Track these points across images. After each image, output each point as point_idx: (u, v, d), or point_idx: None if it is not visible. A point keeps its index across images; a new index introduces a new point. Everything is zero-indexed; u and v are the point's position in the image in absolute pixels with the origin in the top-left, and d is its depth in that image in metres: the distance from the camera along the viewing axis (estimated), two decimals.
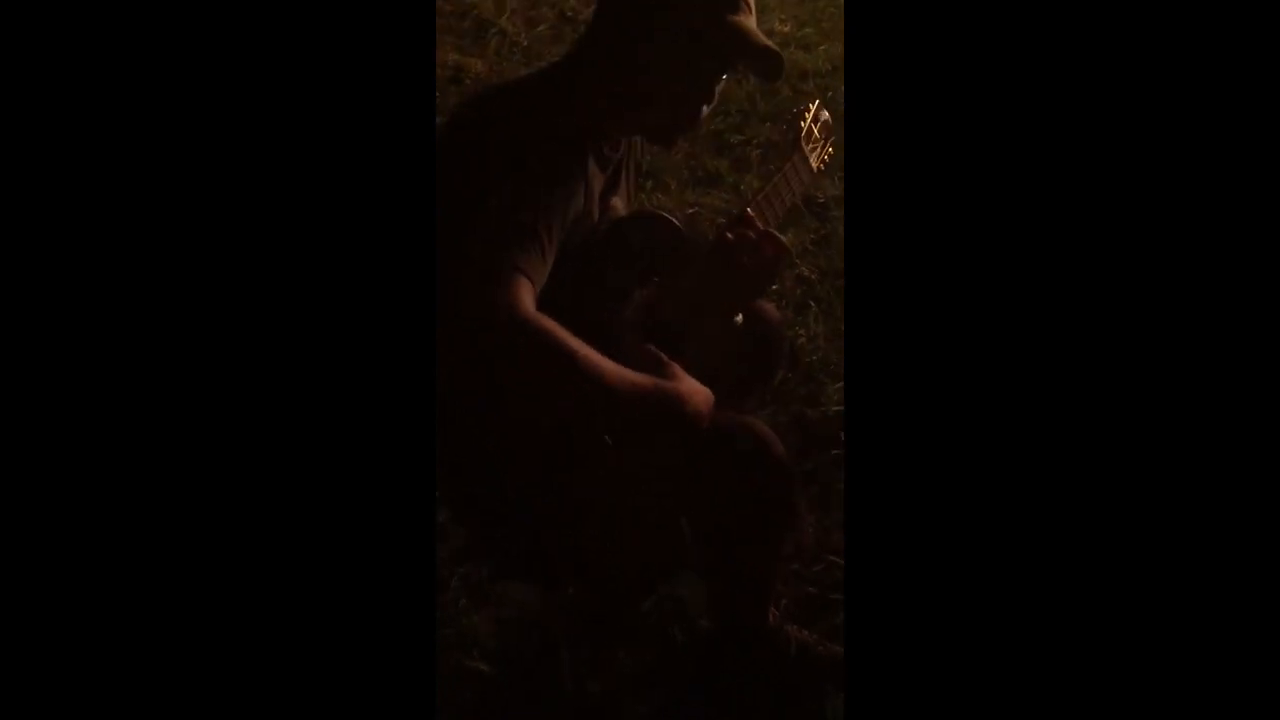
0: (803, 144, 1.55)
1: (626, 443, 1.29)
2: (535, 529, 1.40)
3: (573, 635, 1.65)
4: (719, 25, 1.27)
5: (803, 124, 1.57)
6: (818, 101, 1.64)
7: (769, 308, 1.67)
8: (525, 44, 3.79)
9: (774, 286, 2.39)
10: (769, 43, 1.30)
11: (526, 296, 1.15)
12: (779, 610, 1.62)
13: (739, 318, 1.46)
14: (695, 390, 1.27)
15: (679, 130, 1.37)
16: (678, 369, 1.27)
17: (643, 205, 1.54)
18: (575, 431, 1.30)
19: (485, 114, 1.34)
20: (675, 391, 1.24)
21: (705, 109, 1.34)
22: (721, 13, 1.28)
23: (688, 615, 1.68)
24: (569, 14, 3.99)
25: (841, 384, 2.15)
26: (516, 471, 1.34)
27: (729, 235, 1.36)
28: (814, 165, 1.58)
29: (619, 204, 1.43)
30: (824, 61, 3.58)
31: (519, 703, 1.57)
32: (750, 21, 1.30)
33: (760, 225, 1.39)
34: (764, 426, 1.39)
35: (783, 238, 1.38)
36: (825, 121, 1.62)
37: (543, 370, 1.15)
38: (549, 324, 1.15)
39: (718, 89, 1.34)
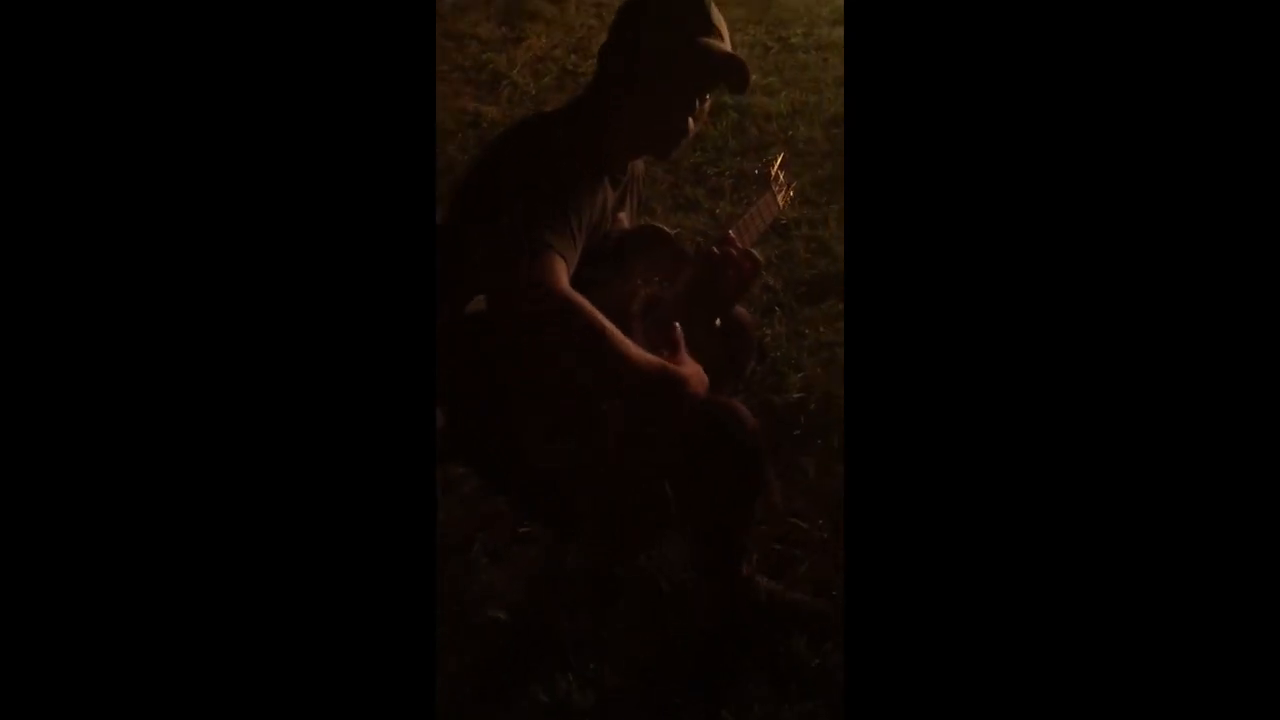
0: (771, 185, 1.66)
1: (629, 415, 1.31)
2: (545, 496, 1.42)
3: (576, 588, 1.67)
4: (692, 46, 1.31)
5: (771, 170, 1.68)
6: (782, 154, 1.75)
7: (741, 311, 1.69)
8: (533, 93, 3.80)
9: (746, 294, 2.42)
10: (734, 53, 1.34)
11: (562, 272, 1.16)
12: (751, 564, 1.63)
13: (717, 321, 1.50)
14: (696, 373, 1.31)
15: (673, 144, 1.39)
16: (684, 354, 1.31)
17: (645, 221, 1.57)
18: (581, 405, 1.31)
19: (524, 138, 1.38)
20: (680, 374, 1.28)
21: (692, 122, 1.36)
22: (694, 36, 1.31)
23: (673, 568, 1.69)
24: (569, 68, 4.02)
25: (801, 374, 2.17)
26: (529, 442, 1.36)
27: (716, 251, 1.42)
28: (780, 202, 1.68)
29: (624, 218, 1.48)
30: (784, 105, 3.60)
31: (531, 644, 1.58)
32: (717, 41, 1.33)
33: (740, 246, 1.45)
34: (741, 406, 1.41)
35: (758, 255, 1.46)
36: (787, 164, 1.72)
37: (573, 339, 1.16)
38: (582, 299, 1.16)
39: (701, 104, 1.36)
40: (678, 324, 1.32)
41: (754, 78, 4.14)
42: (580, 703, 1.47)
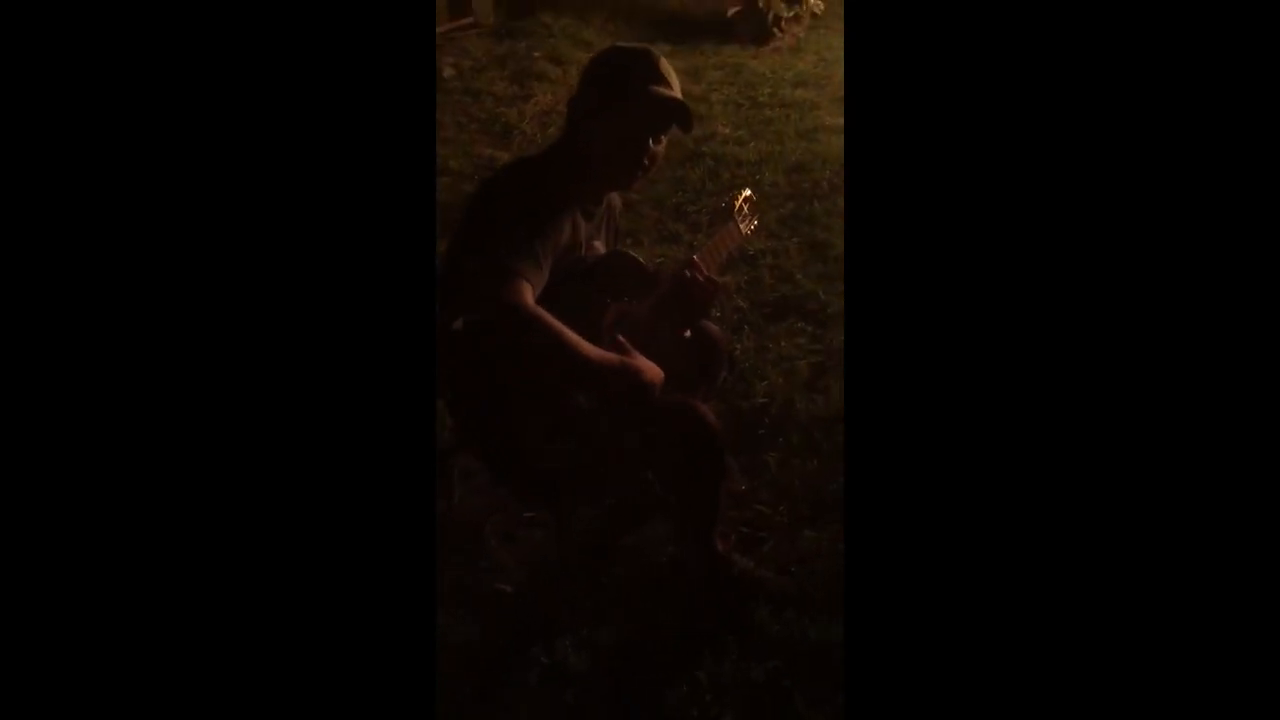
0: (735, 216, 1.65)
1: (600, 408, 1.35)
2: (546, 484, 1.44)
3: (574, 564, 1.66)
4: (644, 93, 1.36)
5: (736, 202, 1.66)
6: (747, 189, 1.74)
7: (713, 328, 1.70)
8: (539, 142, 3.81)
9: (717, 314, 2.42)
10: (679, 97, 1.39)
11: (527, 292, 1.24)
12: (729, 543, 1.64)
13: (687, 333, 1.51)
14: (649, 367, 1.36)
15: (633, 177, 1.42)
16: (636, 353, 1.36)
17: (617, 248, 1.58)
18: (564, 402, 1.34)
19: (507, 178, 1.44)
20: (633, 366, 1.34)
21: (648, 158, 1.40)
22: (646, 84, 1.36)
23: (660, 545, 1.69)
24: None
25: (766, 383, 2.17)
26: (529, 442, 1.37)
27: (685, 274, 1.45)
28: (744, 231, 1.67)
29: (599, 245, 1.49)
30: (752, 154, 3.62)
31: (535, 614, 1.57)
32: (665, 88, 1.38)
33: (704, 269, 1.47)
34: (702, 404, 1.45)
35: (720, 279, 1.49)
36: (751, 200, 1.70)
37: (538, 345, 1.24)
38: (543, 313, 1.24)
39: (655, 144, 1.39)
40: (620, 337, 1.37)
41: (726, 130, 4.18)
42: (576, 664, 1.46)
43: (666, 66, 1.40)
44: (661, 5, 5.72)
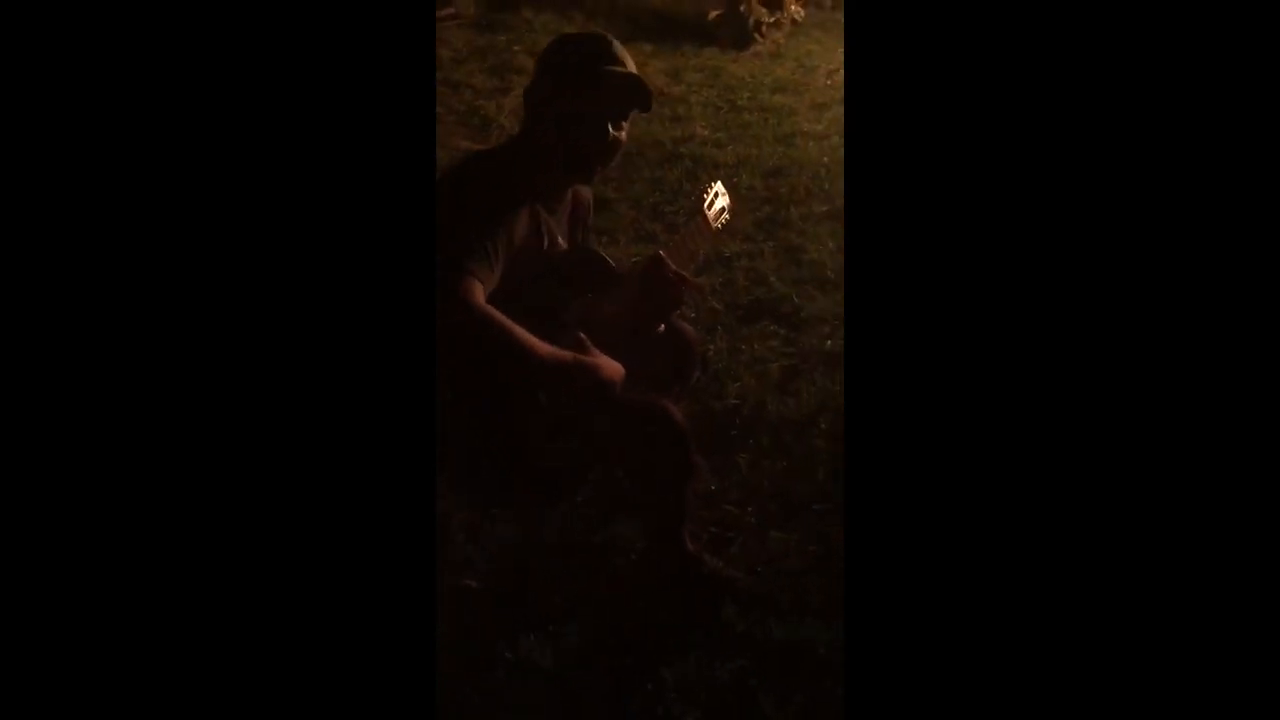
0: (705, 211, 1.62)
1: (557, 405, 1.33)
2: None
3: (547, 561, 1.65)
4: (599, 74, 1.32)
5: (705, 197, 1.64)
6: (718, 182, 1.71)
7: (687, 328, 1.69)
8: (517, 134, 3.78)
9: (692, 315, 2.42)
10: (635, 73, 1.34)
11: (478, 292, 1.21)
12: (699, 543, 1.64)
13: (660, 328, 1.50)
14: (606, 364, 1.33)
15: (593, 166, 1.38)
16: (593, 349, 1.33)
17: (584, 244, 1.56)
18: (529, 405, 1.32)
19: (459, 176, 1.39)
20: (590, 363, 1.31)
21: (608, 145, 1.36)
22: (598, 65, 1.32)
23: (627, 543, 1.68)
24: None
25: (738, 384, 2.18)
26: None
27: (653, 270, 1.43)
28: (713, 226, 1.64)
29: (562, 241, 1.46)
30: (730, 157, 3.63)
31: (503, 609, 1.56)
32: (619, 66, 1.34)
33: (672, 266, 1.44)
34: (670, 404, 1.44)
35: (687, 275, 1.46)
36: (721, 195, 1.67)
37: (488, 343, 1.21)
38: (494, 311, 1.21)
39: (615, 129, 1.36)
40: (582, 334, 1.34)
41: (705, 132, 4.19)
42: (541, 661, 1.45)
43: (621, 50, 1.35)
44: (643, 5, 5.71)
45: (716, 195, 1.65)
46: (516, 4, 5.36)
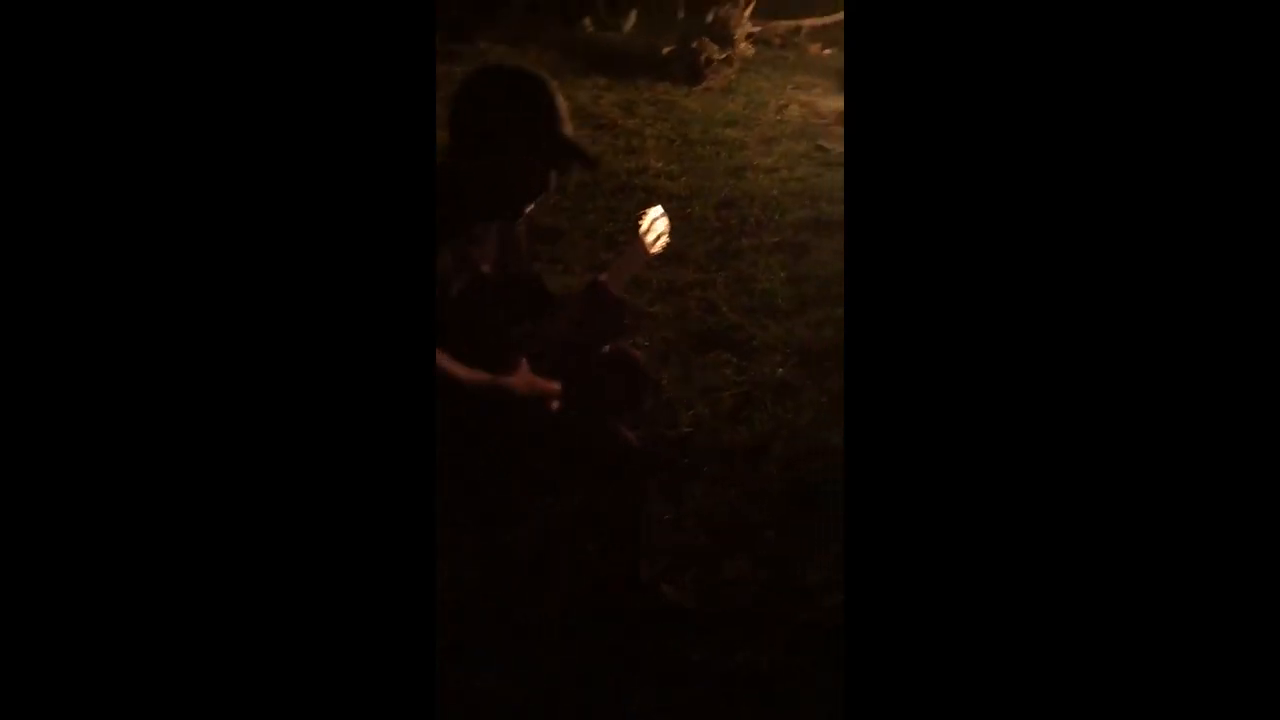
0: (642, 236, 1.62)
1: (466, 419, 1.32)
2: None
3: (513, 578, 1.65)
4: (543, 136, 1.31)
5: (641, 223, 1.64)
6: (658, 207, 1.69)
7: (637, 354, 1.72)
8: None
9: (645, 344, 2.45)
10: (575, 141, 1.36)
11: None
12: (656, 571, 1.65)
13: (606, 348, 1.54)
14: (526, 382, 1.36)
15: (519, 209, 1.39)
16: (522, 369, 1.36)
17: (518, 268, 1.54)
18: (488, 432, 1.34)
19: None
20: (507, 385, 1.34)
21: (540, 196, 1.37)
22: (547, 127, 1.32)
23: (589, 569, 1.69)
24: None
25: (691, 412, 2.20)
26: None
27: (592, 294, 1.48)
28: (651, 251, 1.65)
29: (487, 268, 1.45)
30: (683, 188, 3.69)
31: (459, 639, 1.54)
32: (564, 129, 1.33)
33: (612, 290, 1.49)
34: (624, 430, 1.47)
35: (622, 297, 1.50)
36: (660, 219, 1.66)
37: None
38: None
39: (546, 186, 1.36)
40: (524, 359, 1.37)
41: (659, 165, 4.23)
42: (499, 690, 1.44)
43: (562, 101, 1.34)
44: (598, 40, 5.80)
45: (655, 220, 1.66)
46: (472, 36, 5.39)
